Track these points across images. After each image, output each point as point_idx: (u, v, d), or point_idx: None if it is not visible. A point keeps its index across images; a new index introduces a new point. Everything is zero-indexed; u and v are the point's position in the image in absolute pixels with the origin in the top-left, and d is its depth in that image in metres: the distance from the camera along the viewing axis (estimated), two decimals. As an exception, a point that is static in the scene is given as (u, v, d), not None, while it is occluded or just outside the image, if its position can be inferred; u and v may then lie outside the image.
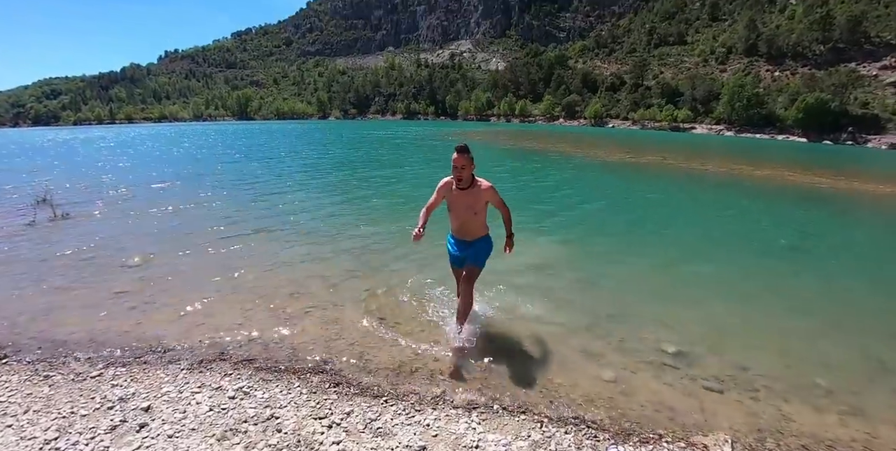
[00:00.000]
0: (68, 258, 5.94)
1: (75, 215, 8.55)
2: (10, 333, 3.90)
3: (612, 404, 3.04)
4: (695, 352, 3.80)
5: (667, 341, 3.95)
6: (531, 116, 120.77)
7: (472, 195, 3.48)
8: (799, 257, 6.85)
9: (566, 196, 11.51)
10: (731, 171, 18.81)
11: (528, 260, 5.89)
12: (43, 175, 15.01)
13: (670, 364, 3.60)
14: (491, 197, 3.52)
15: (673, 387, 3.31)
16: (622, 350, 3.79)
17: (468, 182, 3.44)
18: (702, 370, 3.54)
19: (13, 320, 4.14)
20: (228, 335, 3.75)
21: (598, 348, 3.79)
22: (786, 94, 79.81)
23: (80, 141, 40.42)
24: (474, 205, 3.50)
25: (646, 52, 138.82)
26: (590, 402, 3.04)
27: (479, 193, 3.47)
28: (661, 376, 3.45)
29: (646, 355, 3.71)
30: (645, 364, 3.58)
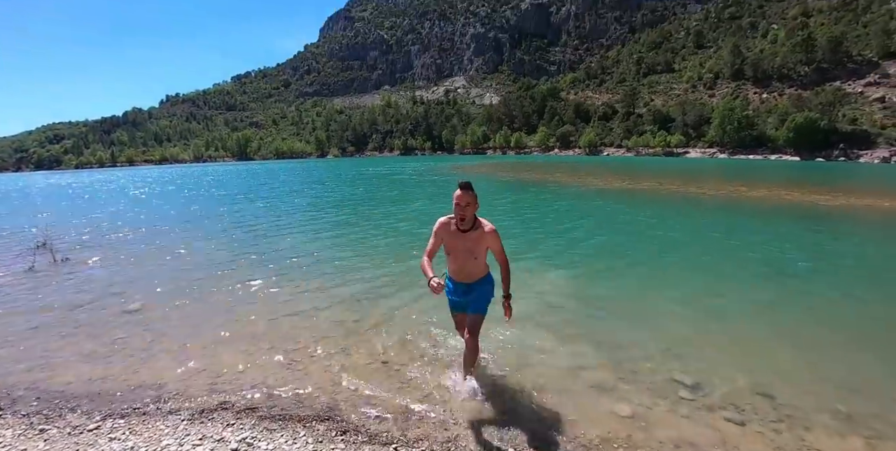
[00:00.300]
0: (67, 305, 5.86)
1: (75, 260, 8.51)
2: (6, 384, 3.79)
3: (631, 442, 2.92)
4: (710, 382, 3.69)
5: (680, 372, 3.84)
6: (527, 147, 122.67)
7: (472, 239, 3.19)
8: (807, 278, 6.77)
9: (566, 226, 11.51)
10: (731, 193, 18.90)
11: (532, 292, 5.81)
12: (43, 219, 15.06)
13: (686, 397, 3.48)
14: (492, 243, 3.23)
15: (692, 420, 3.19)
16: (636, 383, 3.67)
17: (470, 223, 3.16)
18: (720, 401, 3.42)
19: (9, 370, 4.04)
20: (230, 382, 3.64)
21: (612, 383, 3.67)
22: (775, 114, 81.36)
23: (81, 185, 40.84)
24: (475, 249, 3.22)
25: (635, 81, 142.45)
26: (607, 441, 2.91)
27: (482, 237, 3.19)
28: (678, 409, 3.33)
29: (661, 388, 3.59)
30: (661, 398, 3.46)
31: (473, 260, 3.25)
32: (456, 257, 3.29)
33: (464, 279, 3.38)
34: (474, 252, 3.22)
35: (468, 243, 3.19)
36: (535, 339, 4.47)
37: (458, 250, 3.25)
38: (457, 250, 3.25)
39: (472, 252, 3.22)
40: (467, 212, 3.09)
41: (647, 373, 3.83)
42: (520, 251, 8.18)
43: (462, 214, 3.09)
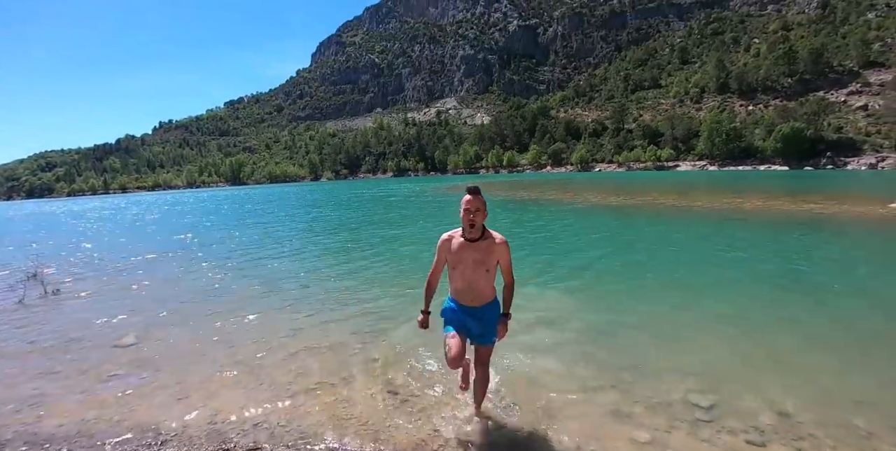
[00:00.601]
0: (57, 340, 5.66)
1: (66, 292, 8.31)
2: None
3: (654, 472, 2.78)
4: (727, 402, 3.58)
5: (696, 392, 3.72)
6: (519, 165, 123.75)
7: (482, 249, 2.91)
8: (814, 288, 6.70)
9: (564, 244, 11.45)
10: (725, 205, 18.96)
11: (535, 314, 5.70)
12: (34, 249, 14.82)
13: (705, 419, 3.37)
14: (503, 255, 2.96)
15: (713, 444, 3.07)
16: (651, 407, 3.54)
17: (480, 231, 2.91)
18: (739, 422, 3.31)
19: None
20: (230, 420, 3.47)
21: (627, 407, 3.54)
22: (762, 126, 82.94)
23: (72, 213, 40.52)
24: (486, 260, 2.92)
25: (623, 97, 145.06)
26: (630, 472, 2.77)
27: (493, 247, 2.92)
28: (697, 432, 3.20)
29: (678, 411, 3.47)
30: (678, 421, 3.33)
31: (484, 274, 2.95)
32: (463, 271, 2.97)
33: (471, 302, 3.04)
34: (486, 264, 2.93)
35: (478, 253, 2.91)
36: (546, 361, 4.35)
37: (466, 263, 2.94)
38: (464, 263, 2.94)
39: (483, 264, 2.93)
40: (477, 218, 2.85)
41: (662, 395, 3.71)
42: (526, 270, 8.10)
43: (472, 220, 2.85)
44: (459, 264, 2.97)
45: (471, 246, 2.93)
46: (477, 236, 2.92)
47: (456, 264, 2.98)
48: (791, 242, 10.66)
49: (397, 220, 19.80)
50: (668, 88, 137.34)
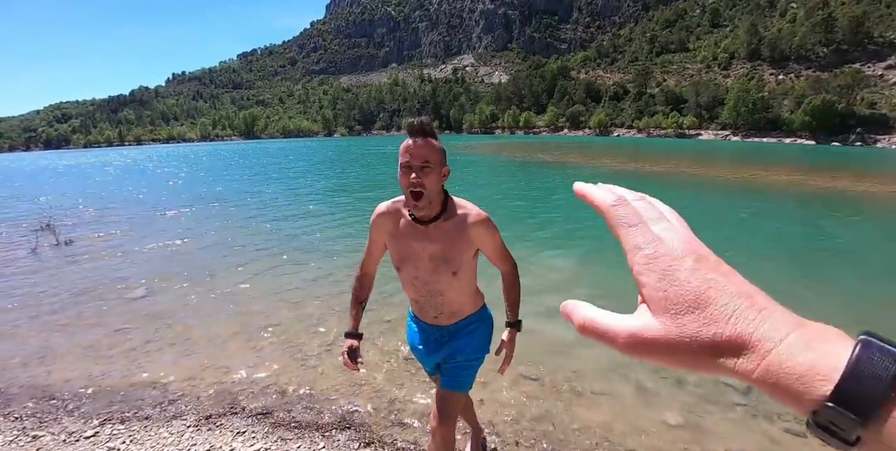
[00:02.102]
0: (67, 290, 5.59)
1: (78, 242, 8.25)
2: (0, 380, 3.52)
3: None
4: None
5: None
6: (535, 127, 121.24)
7: (445, 237, 1.69)
8: (852, 266, 6.36)
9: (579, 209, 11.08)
10: (750, 177, 18.31)
11: (552, 281, 5.48)
12: (48, 201, 14.83)
13: (740, 402, 3.15)
14: (485, 241, 1.74)
15: (751, 431, 2.86)
16: (681, 386, 3.34)
17: (435, 205, 1.66)
18: (777, 408, 3.08)
19: (4, 365, 3.77)
20: (239, 381, 3.33)
21: (655, 386, 3.33)
22: (791, 97, 79.71)
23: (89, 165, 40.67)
24: (451, 256, 1.69)
25: (648, 60, 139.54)
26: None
27: (463, 231, 1.69)
28: (733, 417, 2.99)
29: (711, 392, 3.26)
30: (711, 404, 3.12)
31: (449, 278, 1.74)
32: (415, 274, 1.76)
33: (435, 319, 1.88)
34: (450, 261, 1.69)
35: (436, 244, 1.70)
36: (568, 334, 4.14)
37: (418, 260, 1.73)
38: (414, 258, 1.74)
39: (446, 262, 1.69)
40: (427, 180, 1.57)
41: (691, 375, 3.50)
42: (547, 240, 7.84)
43: (417, 184, 1.56)
44: (407, 262, 1.75)
45: (423, 232, 1.70)
46: (431, 213, 1.66)
47: (402, 260, 1.77)
48: (821, 218, 10.22)
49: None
50: (696, 53, 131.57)
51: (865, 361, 0.23)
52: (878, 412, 0.22)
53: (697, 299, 0.29)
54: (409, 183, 1.57)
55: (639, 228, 0.34)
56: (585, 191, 0.39)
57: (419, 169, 1.56)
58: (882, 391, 0.22)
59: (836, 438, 0.24)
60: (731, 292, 0.29)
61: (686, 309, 0.29)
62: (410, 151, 1.56)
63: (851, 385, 0.23)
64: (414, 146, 1.56)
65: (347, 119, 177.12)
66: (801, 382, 0.25)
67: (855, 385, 0.23)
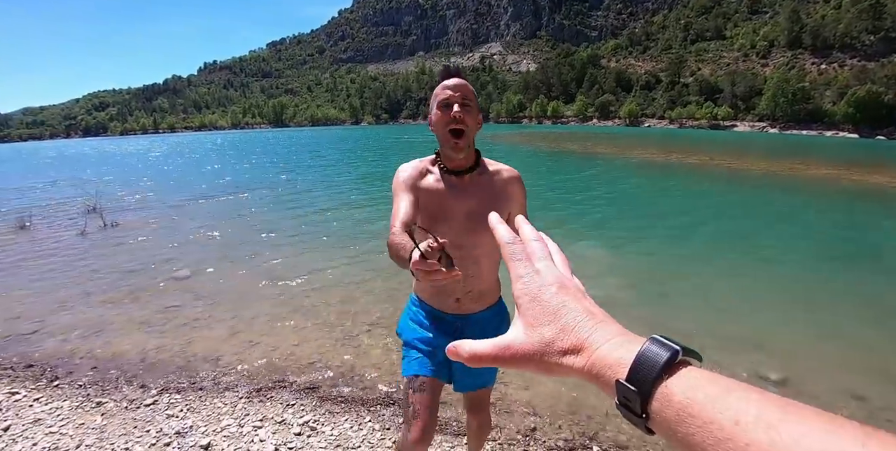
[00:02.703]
0: (117, 269, 5.87)
1: (124, 224, 8.61)
2: (63, 351, 3.76)
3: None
4: (800, 378, 3.33)
5: (765, 365, 3.48)
6: (564, 117, 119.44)
7: (480, 189, 1.53)
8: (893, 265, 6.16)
9: (615, 202, 10.95)
10: (787, 171, 17.73)
11: (584, 270, 5.48)
12: (93, 185, 15.44)
13: (775, 393, 3.12)
14: (519, 199, 1.58)
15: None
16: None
17: (470, 154, 1.52)
18: (813, 401, 3.01)
19: (66, 337, 4.01)
20: (285, 358, 3.48)
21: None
22: (834, 87, 76.33)
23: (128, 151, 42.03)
24: (491, 209, 0.60)
25: (682, 48, 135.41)
26: (701, 444, 2.61)
27: (499, 184, 1.55)
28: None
29: (746, 382, 3.24)
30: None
31: (489, 240, 1.46)
32: (449, 238, 1.13)
33: (460, 306, 1.60)
34: (488, 216, 0.53)
35: (472, 199, 1.51)
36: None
37: (454, 220, 1.50)
38: (449, 218, 1.50)
39: (484, 220, 0.56)
40: (468, 116, 1.44)
41: (728, 365, 3.48)
42: (579, 229, 7.83)
43: (459, 117, 1.41)
44: (439, 223, 1.49)
45: (458, 186, 1.51)
46: (467, 163, 1.52)
47: (433, 221, 1.49)
48: (864, 215, 9.86)
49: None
50: (733, 40, 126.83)
51: (648, 352, 0.32)
52: (651, 387, 0.31)
53: (554, 314, 0.38)
54: (449, 119, 1.42)
55: (524, 262, 0.42)
56: (493, 225, 0.48)
57: (461, 105, 1.43)
58: (656, 372, 0.31)
59: (630, 411, 0.32)
60: (577, 309, 0.38)
61: (546, 322, 0.38)
62: (450, 88, 1.45)
63: (635, 368, 0.32)
64: (453, 84, 1.45)
65: (374, 108, 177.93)
66: (611, 370, 0.33)
67: (638, 368, 0.31)
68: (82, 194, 11.25)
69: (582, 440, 2.58)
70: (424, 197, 1.50)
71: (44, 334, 4.06)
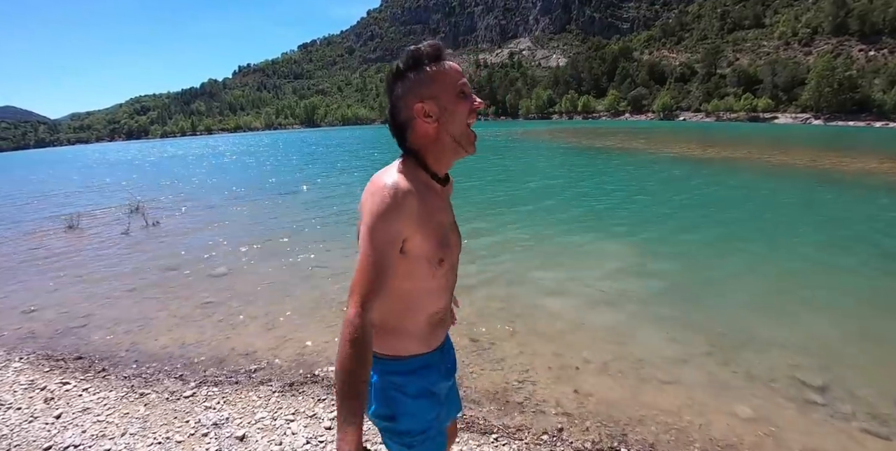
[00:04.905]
0: (158, 267, 6.14)
1: (165, 224, 8.98)
2: (109, 344, 3.96)
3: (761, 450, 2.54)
4: (841, 384, 3.17)
5: (804, 369, 3.34)
6: (595, 111, 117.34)
7: (448, 197, 1.29)
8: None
9: (649, 197, 10.71)
10: (832, 165, 16.91)
11: (614, 267, 5.41)
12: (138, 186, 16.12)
13: (817, 401, 3.01)
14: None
15: (827, 430, 2.74)
16: (752, 379, 3.23)
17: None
18: (856, 408, 2.92)
19: (112, 330, 4.24)
20: (316, 353, 3.58)
21: (725, 378, 3.25)
22: (884, 75, 72.31)
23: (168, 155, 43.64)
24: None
25: (718, 38, 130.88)
26: (732, 448, 2.55)
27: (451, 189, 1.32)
28: (808, 414, 2.87)
29: (784, 388, 3.14)
30: (785, 399, 3.01)
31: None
32: (454, 260, 1.24)
33: (444, 333, 1.33)
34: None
35: (450, 210, 1.28)
36: (631, 320, 4.11)
37: (453, 238, 1.24)
38: (452, 239, 1.22)
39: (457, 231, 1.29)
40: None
41: (764, 369, 3.36)
42: (610, 227, 7.72)
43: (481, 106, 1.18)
44: (448, 247, 1.18)
45: (442, 196, 1.22)
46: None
47: (444, 246, 1.16)
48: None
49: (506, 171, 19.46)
50: (773, 28, 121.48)
51: None
52: None
53: None
54: (473, 109, 1.14)
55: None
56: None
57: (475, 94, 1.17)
58: None
59: None
60: None
61: None
62: (460, 72, 1.14)
63: None
64: (459, 68, 1.15)
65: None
66: None
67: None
68: (126, 196, 11.78)
69: (610, 441, 2.57)
70: (434, 223, 1.13)
71: (92, 328, 4.30)
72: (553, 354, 3.53)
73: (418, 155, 1.14)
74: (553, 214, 8.75)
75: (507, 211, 9.08)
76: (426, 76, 1.08)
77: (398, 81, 1.09)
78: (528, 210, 9.14)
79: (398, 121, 1.13)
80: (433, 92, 1.09)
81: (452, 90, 1.10)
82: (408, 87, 1.08)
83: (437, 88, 1.09)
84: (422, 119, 1.10)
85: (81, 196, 14.84)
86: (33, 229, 9.26)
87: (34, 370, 3.55)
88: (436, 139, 1.12)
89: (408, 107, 1.09)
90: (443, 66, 1.10)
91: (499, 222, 8.03)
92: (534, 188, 11.96)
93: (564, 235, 7.19)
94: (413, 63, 1.08)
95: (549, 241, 6.81)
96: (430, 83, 1.08)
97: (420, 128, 1.11)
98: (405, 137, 1.14)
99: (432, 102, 1.08)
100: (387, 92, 1.13)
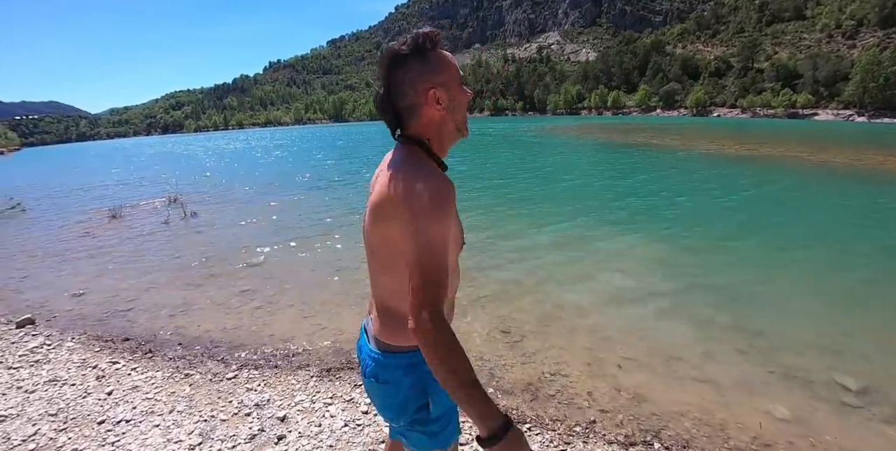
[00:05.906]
0: (198, 255, 6.38)
1: (202, 214, 9.28)
2: (154, 327, 4.16)
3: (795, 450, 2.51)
4: (880, 387, 3.08)
5: (841, 372, 3.26)
6: (625, 107, 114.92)
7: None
8: None
9: (681, 195, 10.50)
10: (877, 164, 16.21)
11: (649, 265, 5.35)
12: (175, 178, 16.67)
13: (853, 403, 2.94)
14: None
15: (864, 433, 2.68)
16: (788, 380, 3.18)
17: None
18: (894, 412, 2.85)
19: (156, 314, 4.44)
20: (351, 341, 3.68)
21: (760, 378, 3.21)
22: (935, 70, 68.41)
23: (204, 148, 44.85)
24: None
25: (756, 30, 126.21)
26: (768, 447, 2.53)
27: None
28: (844, 416, 2.82)
29: (819, 390, 3.07)
30: (821, 401, 2.95)
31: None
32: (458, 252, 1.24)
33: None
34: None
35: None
36: (665, 318, 4.07)
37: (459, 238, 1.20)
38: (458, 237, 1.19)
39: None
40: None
41: (800, 370, 3.30)
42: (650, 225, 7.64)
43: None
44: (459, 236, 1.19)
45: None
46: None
47: (458, 245, 1.19)
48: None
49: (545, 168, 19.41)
50: (815, 20, 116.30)
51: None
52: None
53: None
54: (467, 100, 1.17)
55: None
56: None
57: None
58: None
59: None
60: None
61: None
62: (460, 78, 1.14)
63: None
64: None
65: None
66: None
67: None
68: (165, 188, 12.20)
69: (643, 436, 2.57)
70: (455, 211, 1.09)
71: (138, 312, 4.52)
72: (585, 348, 3.55)
73: (422, 143, 1.10)
74: (588, 212, 8.65)
75: (538, 207, 9.05)
76: (436, 63, 1.07)
77: (399, 65, 1.05)
78: (563, 207, 9.06)
79: (399, 105, 1.08)
80: (444, 79, 1.08)
81: (458, 79, 1.11)
82: (417, 72, 1.05)
83: (446, 75, 1.08)
84: (432, 106, 1.07)
85: (124, 187, 15.47)
86: (80, 220, 9.70)
87: (85, 350, 3.76)
88: (441, 126, 1.11)
89: (417, 93, 1.05)
90: (446, 54, 1.10)
91: (533, 219, 8.01)
92: (566, 187, 11.88)
93: (600, 232, 7.11)
94: (416, 48, 1.05)
95: (583, 238, 6.73)
96: (440, 71, 1.07)
97: (427, 114, 1.08)
98: (405, 124, 1.11)
99: (443, 89, 1.07)
100: (382, 75, 1.08)
